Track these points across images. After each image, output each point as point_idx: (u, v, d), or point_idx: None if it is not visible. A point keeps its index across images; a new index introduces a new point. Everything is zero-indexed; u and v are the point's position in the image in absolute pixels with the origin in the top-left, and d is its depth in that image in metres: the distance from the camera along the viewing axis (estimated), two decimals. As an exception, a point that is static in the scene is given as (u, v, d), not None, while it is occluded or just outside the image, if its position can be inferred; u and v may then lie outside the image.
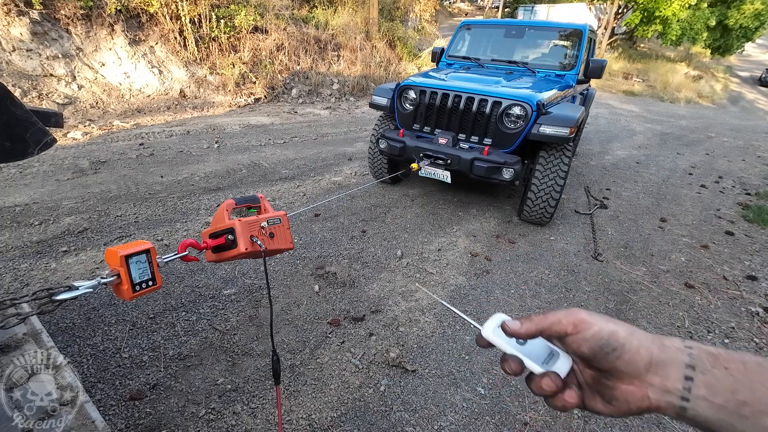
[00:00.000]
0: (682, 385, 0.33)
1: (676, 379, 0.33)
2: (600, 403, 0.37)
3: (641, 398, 0.35)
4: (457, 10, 24.04)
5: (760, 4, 16.71)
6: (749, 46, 22.15)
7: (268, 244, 0.86)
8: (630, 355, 0.34)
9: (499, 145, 2.93)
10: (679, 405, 0.33)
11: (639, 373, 0.34)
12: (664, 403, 0.34)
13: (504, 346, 0.41)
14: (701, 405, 0.32)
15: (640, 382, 0.34)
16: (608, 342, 0.35)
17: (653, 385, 0.34)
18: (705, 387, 0.32)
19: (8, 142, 1.04)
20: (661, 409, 0.34)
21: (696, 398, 0.32)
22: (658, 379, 0.34)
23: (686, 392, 0.33)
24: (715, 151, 6.88)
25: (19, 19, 5.34)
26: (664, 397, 0.34)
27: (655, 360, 0.34)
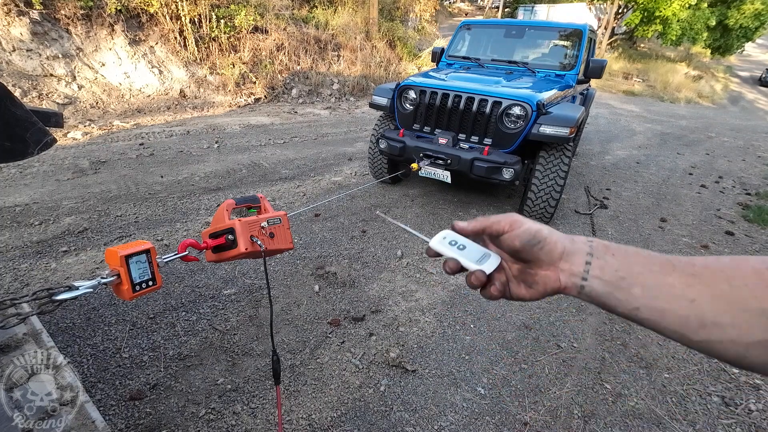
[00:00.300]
0: (583, 268, 0.42)
1: (579, 264, 0.43)
2: (523, 289, 0.47)
3: (554, 280, 0.44)
4: (457, 10, 24.04)
5: (760, 4, 16.71)
6: (749, 46, 22.15)
7: (268, 244, 0.85)
8: (549, 247, 0.44)
9: (499, 145, 2.93)
10: (579, 284, 0.43)
11: (554, 261, 0.44)
12: (570, 284, 0.43)
13: (446, 251, 0.50)
14: (594, 282, 0.42)
15: (555, 268, 0.44)
16: (535, 236, 0.44)
17: (563, 270, 0.44)
18: (598, 269, 0.42)
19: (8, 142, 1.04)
20: (567, 289, 0.44)
21: (591, 278, 0.42)
22: (567, 265, 0.43)
23: (585, 273, 0.42)
24: (715, 151, 6.88)
25: (19, 19, 5.34)
26: (570, 279, 0.43)
27: (567, 251, 0.44)
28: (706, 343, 0.37)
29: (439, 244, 0.51)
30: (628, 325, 2.19)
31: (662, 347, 2.05)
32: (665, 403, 1.72)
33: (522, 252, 0.45)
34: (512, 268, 0.49)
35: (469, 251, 0.49)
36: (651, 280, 0.39)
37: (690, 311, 0.37)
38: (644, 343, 2.07)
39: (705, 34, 16.74)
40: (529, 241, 0.44)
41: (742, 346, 0.35)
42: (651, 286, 0.39)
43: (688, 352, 2.04)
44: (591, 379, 1.81)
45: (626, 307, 0.40)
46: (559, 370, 1.84)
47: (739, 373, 1.92)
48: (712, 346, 0.37)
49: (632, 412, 1.66)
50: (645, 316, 0.40)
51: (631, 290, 0.40)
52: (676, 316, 0.38)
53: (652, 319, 0.39)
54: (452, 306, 2.23)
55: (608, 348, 2.01)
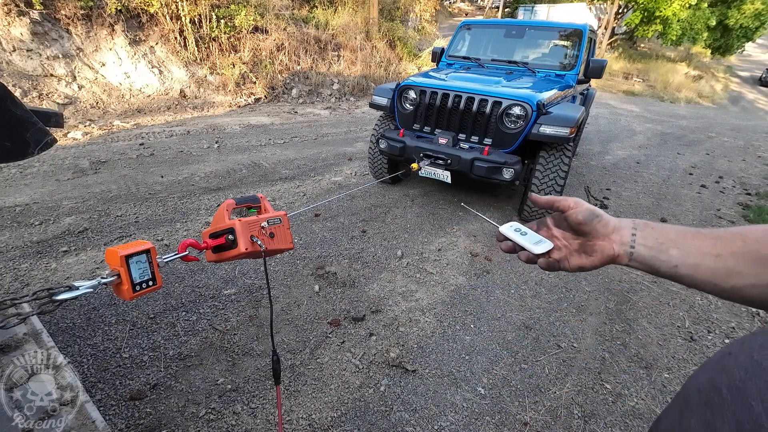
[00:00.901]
0: (630, 238, 0.54)
1: (627, 235, 0.54)
2: (584, 258, 0.58)
3: (609, 248, 0.55)
4: (457, 10, 24.03)
5: (761, 4, 16.69)
6: (749, 46, 22.13)
7: (268, 244, 0.86)
8: (604, 222, 0.56)
9: (500, 145, 2.93)
10: (629, 251, 0.53)
11: (608, 233, 0.55)
12: (622, 252, 0.54)
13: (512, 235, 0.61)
14: (640, 248, 0.53)
15: (609, 239, 0.55)
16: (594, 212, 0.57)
17: (615, 240, 0.55)
18: (642, 238, 0.53)
19: (9, 142, 1.04)
20: (619, 257, 0.54)
21: (638, 245, 0.53)
22: (618, 236, 0.55)
23: (632, 242, 0.53)
24: (716, 151, 6.88)
25: (19, 19, 5.35)
26: (621, 248, 0.54)
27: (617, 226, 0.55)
28: (734, 289, 0.46)
29: (507, 230, 0.63)
30: (628, 325, 2.19)
31: (662, 347, 2.05)
32: (665, 403, 1.72)
33: (583, 224, 0.57)
34: (573, 244, 0.60)
35: (529, 237, 0.61)
36: (683, 243, 0.50)
37: (717, 264, 0.47)
38: (644, 343, 2.07)
39: (705, 34, 16.73)
40: (590, 216, 0.56)
41: (759, 288, 0.44)
42: (684, 247, 0.49)
43: (689, 352, 2.04)
44: (591, 379, 1.81)
45: (668, 266, 0.50)
46: (559, 370, 1.84)
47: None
48: (739, 291, 0.46)
49: (632, 412, 1.66)
50: (683, 272, 0.49)
51: (670, 251, 0.50)
52: (707, 269, 0.47)
53: (689, 274, 0.49)
54: (452, 306, 2.23)
55: (608, 348, 2.01)
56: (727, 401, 0.32)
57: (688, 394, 0.40)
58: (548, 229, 0.63)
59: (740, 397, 0.31)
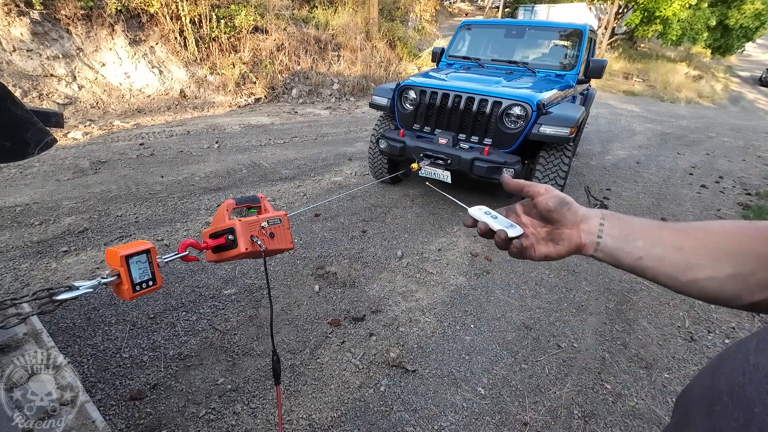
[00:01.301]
0: (598, 228, 0.53)
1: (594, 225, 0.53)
2: (551, 246, 0.57)
3: (576, 237, 0.54)
4: (458, 10, 24.03)
5: (761, 3, 16.69)
6: (749, 46, 22.13)
7: (268, 244, 0.86)
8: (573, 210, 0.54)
9: (500, 145, 2.93)
10: (596, 241, 0.52)
11: (576, 222, 0.54)
12: (588, 241, 0.53)
13: (482, 217, 0.61)
14: (607, 239, 0.52)
15: (577, 228, 0.54)
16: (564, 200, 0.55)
17: (583, 230, 0.54)
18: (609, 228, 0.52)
19: (9, 142, 1.04)
20: (586, 247, 0.53)
21: (605, 235, 0.52)
22: (586, 225, 0.54)
23: (600, 232, 0.52)
24: (716, 151, 6.88)
25: (19, 19, 5.35)
26: (588, 237, 0.53)
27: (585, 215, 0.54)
28: (692, 282, 0.46)
29: (476, 212, 0.62)
30: (628, 325, 2.19)
31: (662, 347, 2.05)
32: (665, 403, 1.72)
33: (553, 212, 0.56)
34: (540, 232, 0.59)
35: (499, 221, 0.61)
36: (649, 234, 0.49)
37: (679, 257, 0.47)
38: (644, 343, 2.07)
39: (705, 34, 16.73)
40: (560, 203, 0.55)
41: (717, 282, 0.44)
42: (650, 239, 0.49)
43: (689, 352, 2.03)
44: (591, 379, 1.81)
45: (632, 257, 0.50)
46: (559, 370, 1.84)
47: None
48: (697, 284, 0.46)
49: (632, 412, 1.66)
50: (646, 264, 0.49)
51: (636, 243, 0.50)
52: (669, 262, 0.47)
53: (652, 266, 0.48)
54: (452, 306, 2.23)
55: (608, 348, 2.01)
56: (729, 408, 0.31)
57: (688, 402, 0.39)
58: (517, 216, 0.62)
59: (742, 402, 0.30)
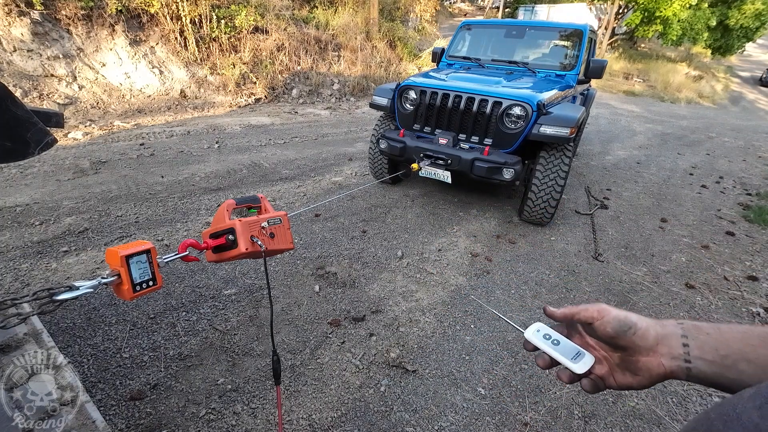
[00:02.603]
0: (682, 350, 0.43)
1: (677, 346, 0.43)
2: (629, 377, 0.47)
3: (657, 366, 0.44)
4: (458, 11, 24.04)
5: (761, 4, 16.68)
6: (750, 46, 22.12)
7: (268, 244, 0.86)
8: (642, 332, 0.45)
9: (500, 146, 2.92)
10: (685, 366, 0.43)
11: (651, 346, 0.44)
12: (676, 367, 0.43)
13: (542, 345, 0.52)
14: (700, 363, 0.42)
15: (654, 353, 0.44)
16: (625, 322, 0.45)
17: (663, 354, 0.44)
18: (698, 349, 0.42)
19: (9, 142, 1.04)
20: (674, 374, 0.44)
21: (695, 359, 0.42)
22: (665, 348, 0.44)
23: (686, 355, 0.43)
24: (716, 152, 6.88)
25: (20, 19, 5.35)
26: (673, 363, 0.43)
27: (660, 335, 0.44)
28: None
29: (533, 337, 0.53)
30: (629, 326, 2.19)
31: (663, 347, 2.05)
32: (666, 403, 1.72)
33: (616, 339, 0.46)
34: (613, 357, 0.49)
35: (563, 347, 0.51)
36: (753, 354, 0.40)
37: None
38: (645, 343, 2.07)
39: (705, 34, 16.72)
40: (621, 327, 0.46)
41: None
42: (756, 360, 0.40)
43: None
44: (591, 379, 1.81)
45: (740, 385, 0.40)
46: (559, 370, 1.84)
47: (739, 373, 1.91)
48: None
49: (633, 413, 1.66)
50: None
51: (738, 366, 0.40)
52: None
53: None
54: (452, 306, 2.22)
55: (609, 348, 2.01)
56: None
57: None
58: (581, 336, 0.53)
59: None
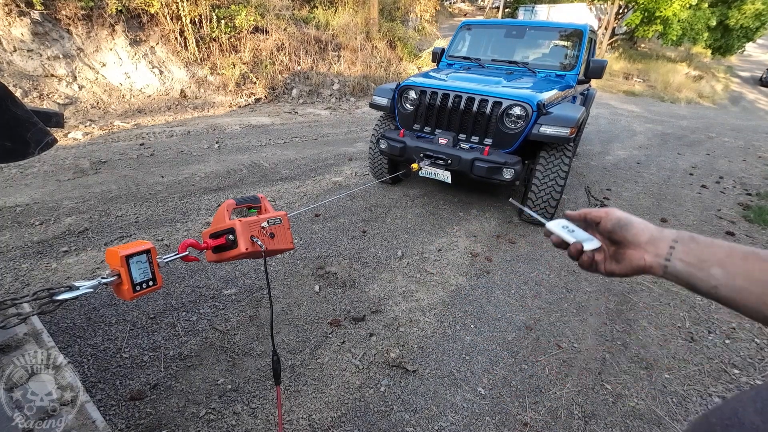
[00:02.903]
0: (667, 252, 0.51)
1: (664, 248, 0.52)
2: (615, 265, 0.58)
3: (639, 259, 0.54)
4: (458, 11, 24.04)
5: (761, 4, 16.68)
6: (750, 46, 22.11)
7: (268, 244, 0.86)
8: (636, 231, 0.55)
9: (500, 146, 2.92)
10: (663, 264, 0.51)
11: (641, 243, 0.54)
12: (655, 263, 0.52)
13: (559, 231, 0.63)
14: (677, 264, 0.50)
15: (642, 250, 0.54)
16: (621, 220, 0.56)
17: (648, 251, 0.53)
18: (682, 253, 0.50)
19: (9, 142, 1.04)
20: (652, 268, 0.53)
21: (674, 259, 0.50)
22: (652, 248, 0.53)
23: (669, 256, 0.51)
24: (716, 152, 6.88)
25: (20, 19, 5.35)
26: (654, 259, 0.52)
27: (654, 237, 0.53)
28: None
29: (554, 227, 0.65)
30: (629, 326, 2.19)
31: (663, 348, 2.05)
32: (666, 403, 1.72)
33: (612, 233, 0.57)
34: (609, 249, 0.60)
35: (577, 234, 0.63)
36: (730, 263, 0.46)
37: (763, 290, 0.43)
38: (645, 343, 2.07)
39: (705, 35, 16.71)
40: (618, 223, 0.56)
41: None
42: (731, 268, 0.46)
43: (689, 352, 2.03)
44: (591, 379, 1.81)
45: (706, 285, 0.47)
46: (559, 370, 1.84)
47: (740, 373, 1.91)
48: None
49: (633, 413, 1.66)
50: (723, 294, 0.46)
51: (711, 270, 0.47)
52: (753, 295, 0.44)
53: (730, 297, 0.46)
54: (452, 306, 2.22)
55: (609, 348, 2.01)
56: None
57: None
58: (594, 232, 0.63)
59: None
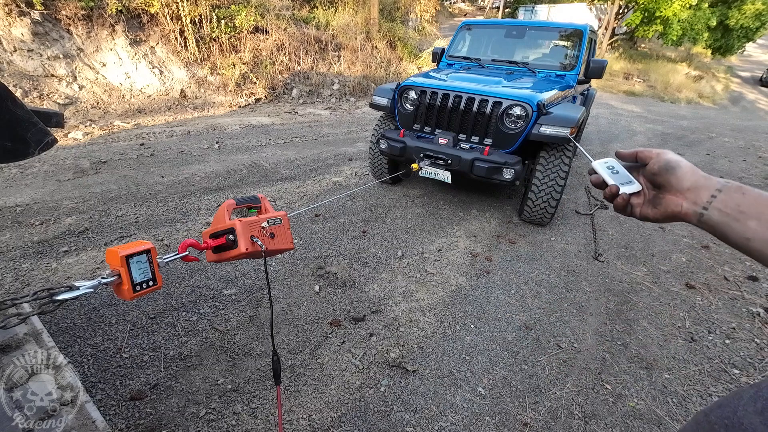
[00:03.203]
0: (707, 200, 0.49)
1: (705, 196, 0.50)
2: (650, 209, 0.56)
3: (676, 204, 0.53)
4: (458, 11, 24.04)
5: (761, 4, 16.66)
6: (750, 46, 22.10)
7: (268, 244, 0.86)
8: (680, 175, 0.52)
9: (500, 146, 2.92)
10: (699, 212, 0.50)
11: (682, 189, 0.52)
12: (691, 211, 0.51)
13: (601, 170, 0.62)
14: (714, 213, 0.48)
15: (681, 195, 0.52)
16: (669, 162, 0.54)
17: (688, 198, 0.51)
18: (722, 203, 0.48)
19: (9, 142, 1.04)
20: (687, 215, 0.51)
21: (712, 208, 0.48)
22: (693, 195, 0.51)
23: (708, 204, 0.49)
24: (716, 152, 6.87)
25: (20, 19, 5.35)
26: (692, 207, 0.51)
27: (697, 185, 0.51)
28: None
29: (598, 165, 0.63)
30: (629, 326, 2.19)
31: (663, 348, 2.05)
32: (666, 403, 1.72)
33: (658, 175, 0.55)
34: (649, 194, 0.58)
35: (620, 176, 0.61)
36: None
37: None
38: (645, 343, 2.07)
39: (706, 35, 16.70)
40: (664, 166, 0.54)
41: None
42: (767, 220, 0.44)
43: (689, 352, 2.03)
44: (591, 379, 1.81)
45: (740, 236, 0.46)
46: (559, 370, 1.84)
47: (740, 373, 1.91)
48: None
49: (633, 413, 1.66)
50: (755, 247, 0.45)
51: (748, 222, 0.46)
52: None
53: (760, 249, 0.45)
54: (452, 306, 2.22)
55: (609, 348, 2.01)
56: None
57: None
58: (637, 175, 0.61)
59: None
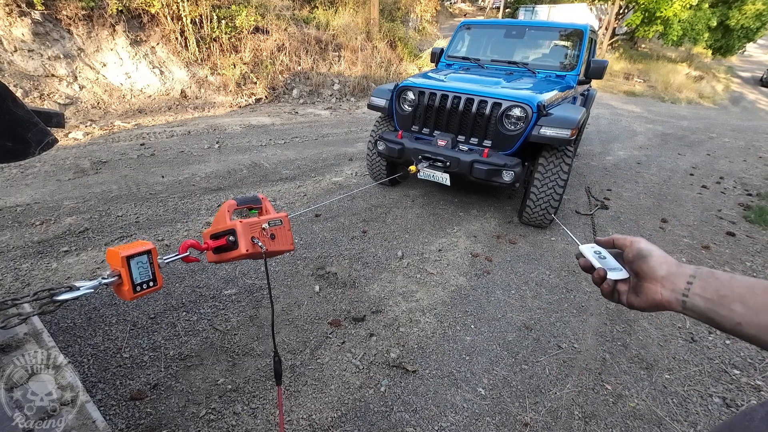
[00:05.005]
0: (684, 287, 0.50)
1: (681, 284, 0.51)
2: (634, 297, 0.57)
3: (655, 293, 0.53)
4: (458, 11, 24.04)
5: (762, 4, 16.65)
6: (750, 46, 22.09)
7: (269, 245, 0.86)
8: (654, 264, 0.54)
9: (499, 147, 2.91)
10: (681, 299, 0.50)
11: (658, 278, 0.53)
12: (673, 299, 0.51)
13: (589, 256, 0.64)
14: (696, 299, 0.49)
15: (659, 284, 0.53)
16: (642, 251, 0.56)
17: (665, 286, 0.52)
18: (700, 288, 0.49)
19: (10, 142, 1.04)
20: (670, 303, 0.52)
21: (692, 295, 0.49)
22: (669, 283, 0.52)
23: (686, 291, 0.50)
24: (717, 152, 6.87)
25: (20, 19, 5.35)
26: (672, 295, 0.51)
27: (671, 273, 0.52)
28: None
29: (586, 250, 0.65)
30: (629, 326, 2.19)
31: (663, 348, 2.05)
32: (666, 404, 1.72)
33: (633, 263, 0.57)
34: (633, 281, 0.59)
35: (607, 262, 0.62)
36: (753, 299, 0.44)
37: None
38: (645, 343, 2.07)
39: (706, 35, 16.69)
40: (638, 254, 0.56)
41: None
42: (752, 304, 0.44)
43: (689, 353, 2.03)
44: (592, 379, 1.81)
45: (729, 322, 0.46)
46: (559, 370, 1.84)
47: (740, 374, 1.91)
48: None
49: (633, 413, 1.66)
50: (747, 332, 0.45)
51: (732, 306, 0.45)
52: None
53: (755, 334, 0.45)
54: (452, 306, 2.23)
55: (609, 349, 2.01)
56: None
57: None
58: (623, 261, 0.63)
59: None
